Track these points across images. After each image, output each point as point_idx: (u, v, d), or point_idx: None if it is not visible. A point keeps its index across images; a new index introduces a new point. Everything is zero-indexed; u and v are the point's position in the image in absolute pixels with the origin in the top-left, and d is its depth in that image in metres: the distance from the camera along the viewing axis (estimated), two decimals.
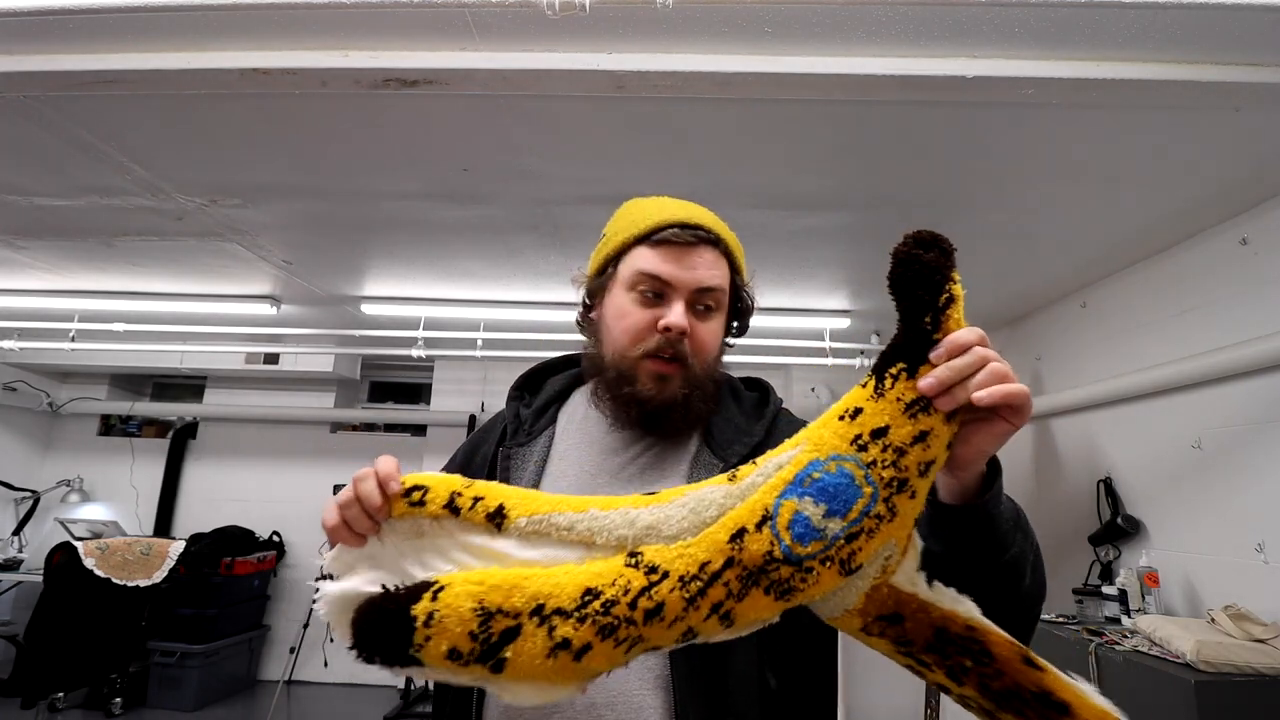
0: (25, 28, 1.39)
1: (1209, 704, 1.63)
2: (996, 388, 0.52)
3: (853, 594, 0.54)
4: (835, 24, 1.33)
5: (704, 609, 0.51)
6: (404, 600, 0.52)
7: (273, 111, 1.72)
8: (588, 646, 0.51)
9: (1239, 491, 2.09)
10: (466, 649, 0.51)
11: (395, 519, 0.58)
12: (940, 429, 0.52)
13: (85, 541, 3.78)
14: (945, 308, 0.53)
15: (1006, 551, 0.61)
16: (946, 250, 0.54)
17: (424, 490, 0.57)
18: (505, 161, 1.96)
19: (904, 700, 3.87)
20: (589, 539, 0.55)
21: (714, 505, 0.54)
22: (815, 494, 0.51)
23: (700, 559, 0.52)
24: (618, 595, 0.51)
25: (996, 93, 1.44)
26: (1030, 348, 3.29)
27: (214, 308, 3.49)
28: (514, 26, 1.36)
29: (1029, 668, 0.52)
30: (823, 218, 2.28)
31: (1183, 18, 1.27)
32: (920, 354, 0.53)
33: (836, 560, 0.51)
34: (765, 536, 0.51)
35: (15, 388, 4.79)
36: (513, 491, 0.59)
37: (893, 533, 0.52)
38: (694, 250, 0.82)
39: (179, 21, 1.37)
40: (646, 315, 0.81)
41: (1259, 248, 2.10)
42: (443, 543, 0.57)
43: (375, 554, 0.57)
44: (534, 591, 0.52)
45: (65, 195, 2.25)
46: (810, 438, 0.55)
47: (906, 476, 0.51)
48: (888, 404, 0.53)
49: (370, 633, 0.53)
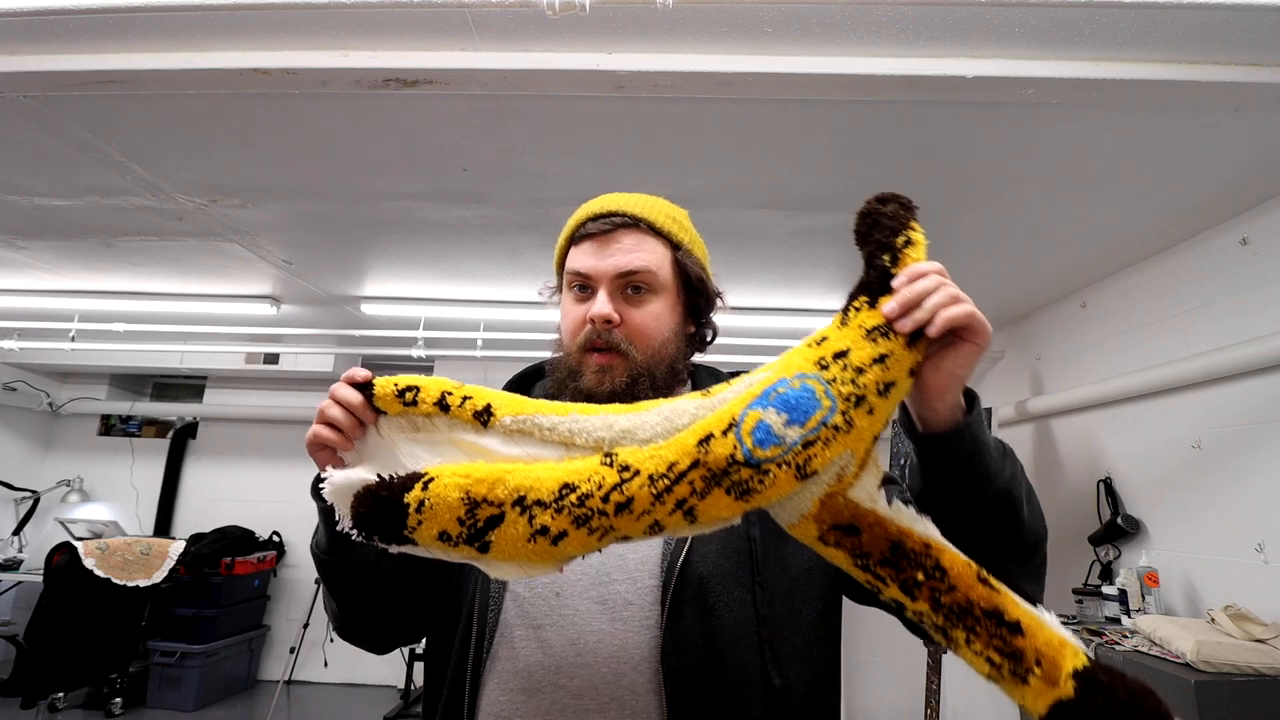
0: (25, 28, 1.39)
1: (1209, 704, 1.63)
2: (951, 309, 0.56)
3: (807, 499, 0.57)
4: (835, 24, 1.33)
5: (669, 504, 0.56)
6: (398, 488, 0.58)
7: (273, 111, 1.72)
8: (564, 534, 0.56)
9: (1239, 491, 2.09)
10: (455, 532, 0.57)
11: (391, 416, 0.64)
12: (900, 353, 0.57)
13: (85, 541, 3.78)
14: (903, 248, 0.59)
15: (998, 479, 0.62)
16: (905, 204, 0.61)
17: (416, 390, 0.63)
18: (505, 161, 1.96)
19: (904, 700, 3.87)
20: (569, 439, 0.60)
21: (686, 414, 0.59)
22: (778, 405, 0.55)
23: (669, 459, 0.56)
24: (592, 490, 0.56)
25: (996, 93, 1.44)
26: (1030, 348, 3.29)
27: (214, 308, 3.49)
28: (514, 26, 1.36)
29: (983, 585, 0.54)
30: (823, 218, 2.28)
31: (1183, 18, 1.27)
32: (881, 288, 0.59)
33: (793, 465, 0.55)
34: (729, 441, 0.55)
35: (15, 388, 4.79)
36: (500, 394, 0.64)
37: (849, 444, 0.56)
38: (612, 237, 0.82)
39: (179, 21, 1.37)
40: (579, 310, 0.82)
41: (1259, 248, 2.10)
42: (434, 437, 0.63)
43: (374, 445, 0.64)
44: (515, 485, 0.57)
45: (65, 195, 2.25)
46: (779, 362, 0.60)
47: (864, 394, 0.56)
48: (850, 330, 0.58)
49: (369, 515, 0.58)
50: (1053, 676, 0.50)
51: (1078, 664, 0.50)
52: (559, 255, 0.89)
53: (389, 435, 0.64)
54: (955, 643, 0.55)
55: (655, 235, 0.84)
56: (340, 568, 0.75)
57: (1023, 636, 0.52)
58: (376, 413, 0.64)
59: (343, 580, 0.76)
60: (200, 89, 1.52)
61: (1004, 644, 0.52)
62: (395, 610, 0.79)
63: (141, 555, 3.88)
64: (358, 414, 0.64)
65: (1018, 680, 0.52)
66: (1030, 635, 0.52)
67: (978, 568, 0.55)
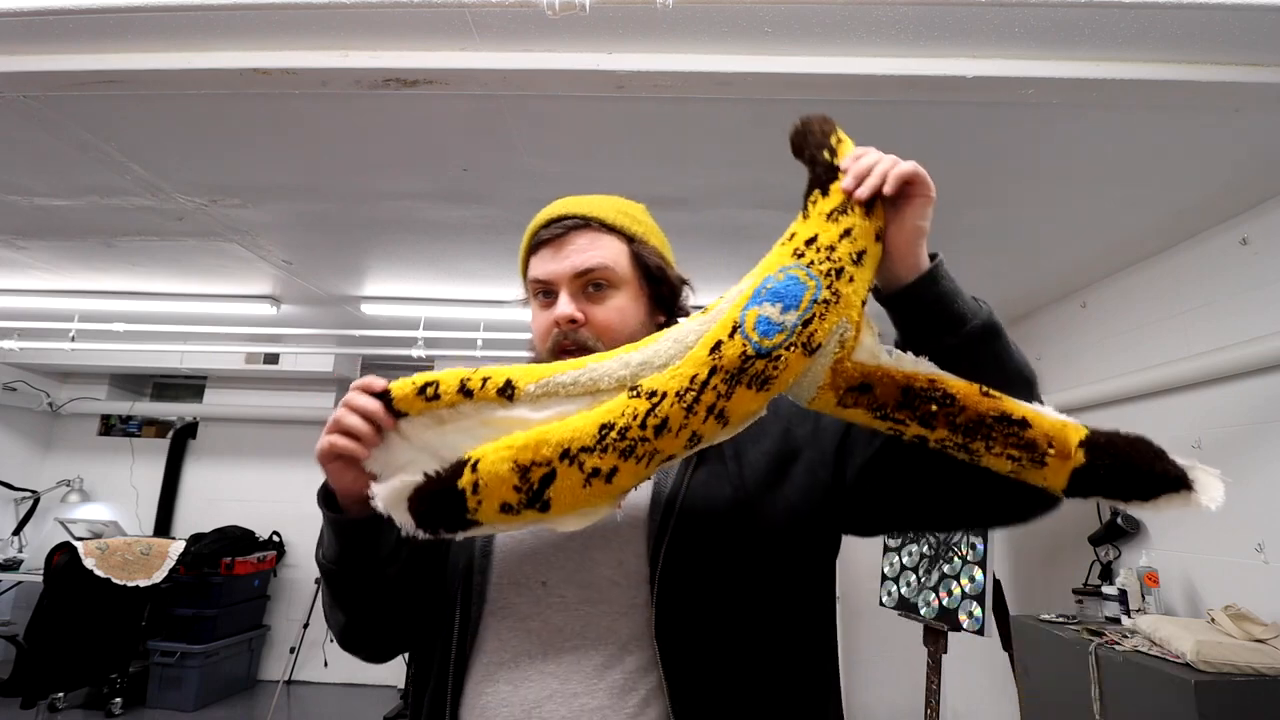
0: (25, 28, 1.39)
1: (1209, 704, 1.63)
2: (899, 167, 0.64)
3: (820, 371, 0.62)
4: (835, 24, 1.33)
5: (701, 413, 0.60)
6: (448, 479, 0.61)
7: (273, 111, 1.72)
8: (615, 470, 0.60)
9: (1239, 491, 2.07)
10: (515, 500, 0.60)
11: (414, 417, 0.65)
12: (861, 223, 0.63)
13: (85, 541, 3.78)
14: (837, 146, 0.67)
15: (977, 314, 0.67)
16: (827, 118, 0.69)
17: (435, 384, 0.65)
18: (505, 161, 1.96)
19: (904, 700, 3.87)
20: (593, 387, 0.64)
21: (692, 333, 0.63)
22: (770, 298, 0.61)
23: (689, 374, 0.60)
24: (629, 422, 0.60)
25: (996, 93, 1.44)
26: (1030, 348, 3.29)
27: (214, 308, 3.49)
28: (514, 26, 1.36)
29: (986, 398, 0.60)
30: None
31: (1183, 18, 1.27)
32: (829, 178, 0.65)
33: (799, 344, 0.60)
34: (738, 341, 0.60)
35: (15, 388, 4.79)
36: (515, 367, 0.66)
37: (842, 312, 0.61)
38: (565, 240, 0.83)
39: (179, 21, 1.37)
40: (546, 316, 0.83)
41: (1259, 248, 2.10)
42: (465, 424, 0.65)
43: (397, 450, 0.66)
44: (558, 440, 0.60)
45: (65, 195, 2.25)
46: (759, 265, 0.65)
47: (842, 265, 0.62)
48: (813, 219, 0.65)
49: (430, 512, 0.61)
50: (1065, 451, 0.58)
51: (1080, 435, 0.58)
52: (522, 268, 0.90)
53: (415, 435, 0.66)
54: (977, 454, 0.61)
55: (608, 232, 0.84)
56: (351, 576, 0.74)
57: (1031, 429, 0.58)
58: (396, 417, 0.65)
59: (353, 588, 0.76)
60: (200, 89, 1.52)
61: (1018, 439, 0.59)
62: (402, 614, 0.79)
63: (141, 555, 3.88)
64: (378, 420, 0.65)
65: (1038, 465, 0.59)
66: (1037, 425, 0.59)
67: (977, 385, 0.61)
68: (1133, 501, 0.58)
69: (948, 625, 2.73)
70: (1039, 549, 3.05)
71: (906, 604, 3.05)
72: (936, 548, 2.95)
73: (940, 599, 2.82)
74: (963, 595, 2.69)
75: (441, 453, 0.64)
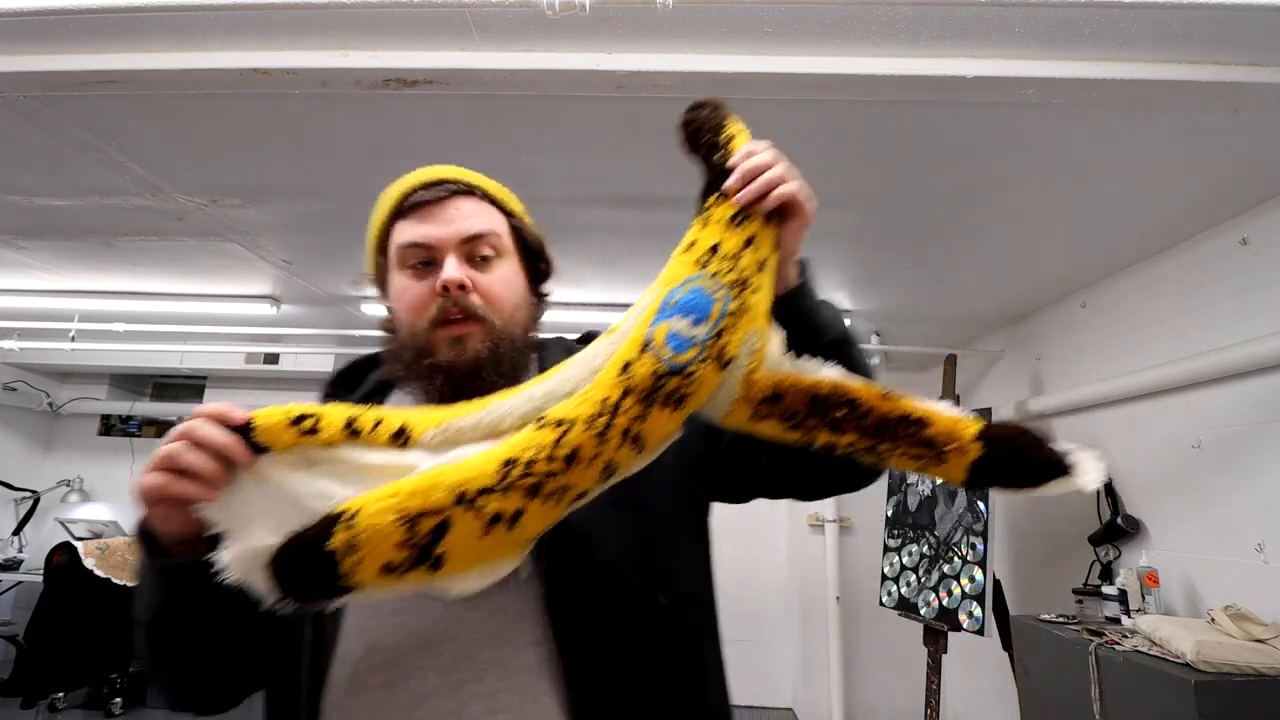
0: (25, 28, 1.39)
1: (1209, 704, 1.63)
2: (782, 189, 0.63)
3: (734, 384, 0.61)
4: (835, 24, 1.33)
5: (615, 439, 0.56)
6: (315, 539, 0.51)
7: (273, 111, 1.72)
8: (520, 512, 0.54)
9: (1239, 491, 2.09)
10: (400, 559, 0.52)
11: (279, 453, 0.54)
12: (761, 231, 0.63)
13: (85, 541, 3.78)
14: (728, 143, 0.65)
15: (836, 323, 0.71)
16: (718, 105, 0.68)
17: (315, 417, 0.55)
18: (505, 161, 1.96)
19: (904, 700, 3.87)
20: (495, 429, 0.58)
21: (600, 355, 0.60)
22: (679, 311, 0.59)
23: (600, 397, 0.57)
24: (535, 455, 0.54)
25: (996, 93, 1.44)
26: (1030, 348, 3.29)
27: (214, 308, 3.49)
28: (514, 26, 1.36)
29: (886, 400, 0.61)
30: (823, 218, 2.25)
31: (1183, 18, 1.27)
32: (723, 181, 0.64)
33: (712, 358, 0.58)
34: (649, 359, 0.57)
35: (15, 388, 4.78)
36: (410, 411, 0.59)
37: (750, 323, 0.60)
38: (448, 204, 0.78)
39: (179, 21, 1.37)
40: (424, 285, 0.76)
41: (1259, 248, 2.09)
42: (339, 468, 0.55)
43: (251, 494, 0.54)
44: (453, 483, 0.53)
45: (65, 195, 2.24)
46: (660, 278, 0.63)
47: (747, 276, 0.61)
48: (713, 226, 0.63)
49: (295, 580, 0.51)
50: (961, 446, 0.59)
51: (974, 429, 0.59)
52: (378, 235, 0.81)
53: (276, 476, 0.54)
54: (883, 455, 0.61)
55: (490, 203, 0.82)
56: (183, 627, 0.62)
57: (930, 426, 0.59)
58: (256, 452, 0.54)
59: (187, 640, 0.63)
60: (200, 89, 1.52)
61: (920, 438, 0.59)
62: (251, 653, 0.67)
63: None
64: (234, 459, 0.53)
65: (939, 461, 0.59)
66: (934, 423, 0.59)
67: (878, 388, 0.62)
68: (1023, 488, 0.59)
69: (948, 625, 2.73)
70: (1039, 549, 3.05)
71: (906, 604, 3.05)
72: (937, 548, 2.95)
73: (940, 599, 2.82)
74: (963, 595, 2.69)
75: (306, 501, 0.53)
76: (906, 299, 3.14)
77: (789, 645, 4.19)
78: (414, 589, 0.54)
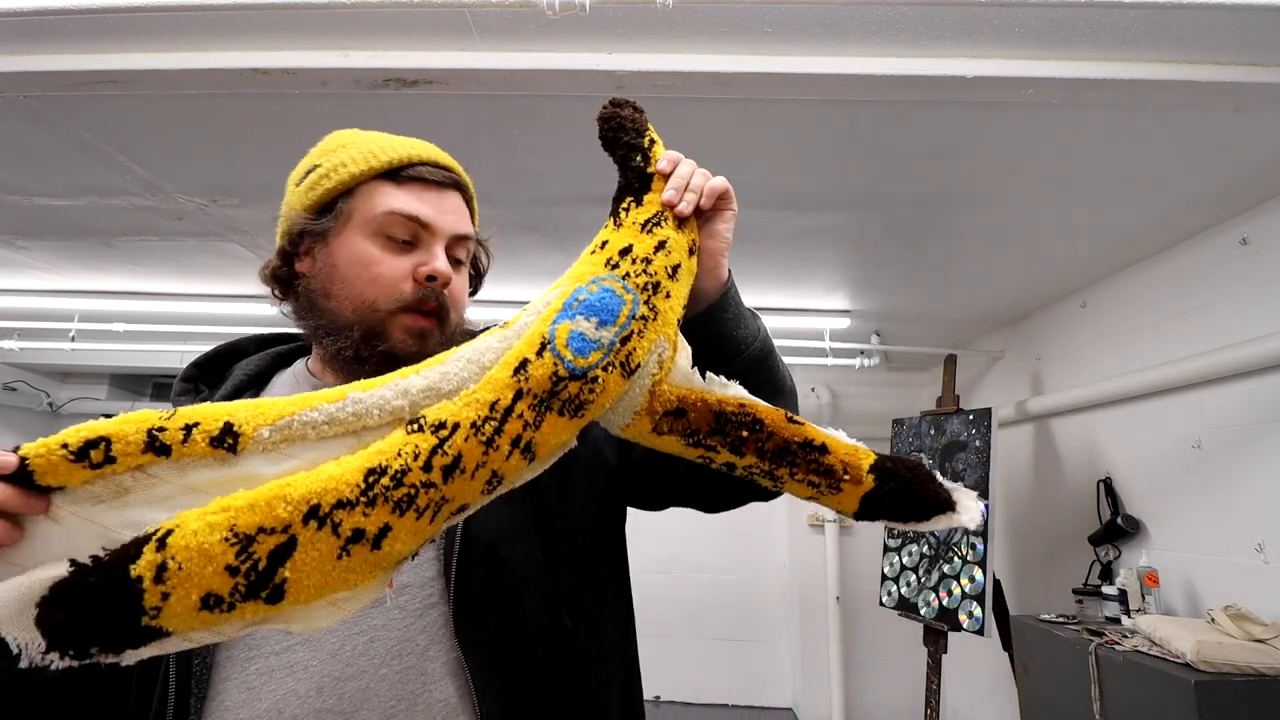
0: (25, 28, 1.39)
1: (1209, 704, 1.63)
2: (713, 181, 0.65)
3: (638, 395, 0.57)
4: (835, 24, 1.33)
5: (503, 447, 0.50)
6: (114, 565, 0.39)
7: (273, 111, 1.72)
8: (385, 528, 0.45)
9: (1239, 491, 2.09)
10: (227, 589, 0.41)
11: (74, 489, 0.42)
12: (675, 236, 0.62)
13: None
14: (649, 148, 0.66)
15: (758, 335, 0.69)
16: (638, 108, 0.68)
17: (105, 442, 0.42)
18: (505, 161, 1.96)
19: (904, 700, 3.87)
20: (357, 425, 0.48)
21: (491, 351, 0.53)
22: (585, 311, 0.55)
23: (488, 400, 0.50)
24: (407, 464, 0.46)
25: (996, 93, 1.44)
26: (1030, 348, 3.29)
27: (214, 308, 3.49)
28: (514, 26, 1.36)
29: (791, 424, 0.59)
30: (823, 218, 2.28)
31: (1183, 18, 1.27)
32: (642, 186, 0.64)
33: (617, 364, 0.54)
34: (548, 360, 0.52)
35: (15, 388, 4.79)
36: (238, 405, 0.46)
37: (660, 330, 0.58)
38: (446, 193, 0.75)
39: (179, 21, 1.37)
40: (402, 263, 0.69)
41: (1259, 248, 2.09)
42: (160, 491, 0.44)
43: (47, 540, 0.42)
44: (302, 495, 0.43)
45: (65, 195, 2.24)
46: (568, 275, 0.59)
47: (658, 280, 0.59)
48: (627, 228, 0.61)
49: (76, 621, 0.38)
50: (857, 477, 0.58)
51: (870, 461, 0.59)
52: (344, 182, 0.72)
53: (76, 517, 0.42)
54: (781, 480, 0.59)
55: (469, 209, 0.80)
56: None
57: (829, 454, 0.58)
58: (44, 494, 0.41)
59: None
60: (200, 89, 1.52)
61: (818, 466, 0.58)
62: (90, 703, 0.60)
63: None
64: (14, 511, 0.40)
65: (834, 491, 0.58)
66: (834, 451, 0.58)
67: (783, 411, 0.60)
68: (910, 522, 0.58)
69: (948, 625, 2.73)
70: (1039, 549, 3.05)
71: (906, 604, 3.05)
72: (936, 548, 2.95)
73: (940, 599, 2.82)
74: (963, 595, 2.69)
75: (116, 534, 0.42)
76: (906, 299, 3.14)
77: (789, 645, 4.19)
78: (241, 628, 0.43)
